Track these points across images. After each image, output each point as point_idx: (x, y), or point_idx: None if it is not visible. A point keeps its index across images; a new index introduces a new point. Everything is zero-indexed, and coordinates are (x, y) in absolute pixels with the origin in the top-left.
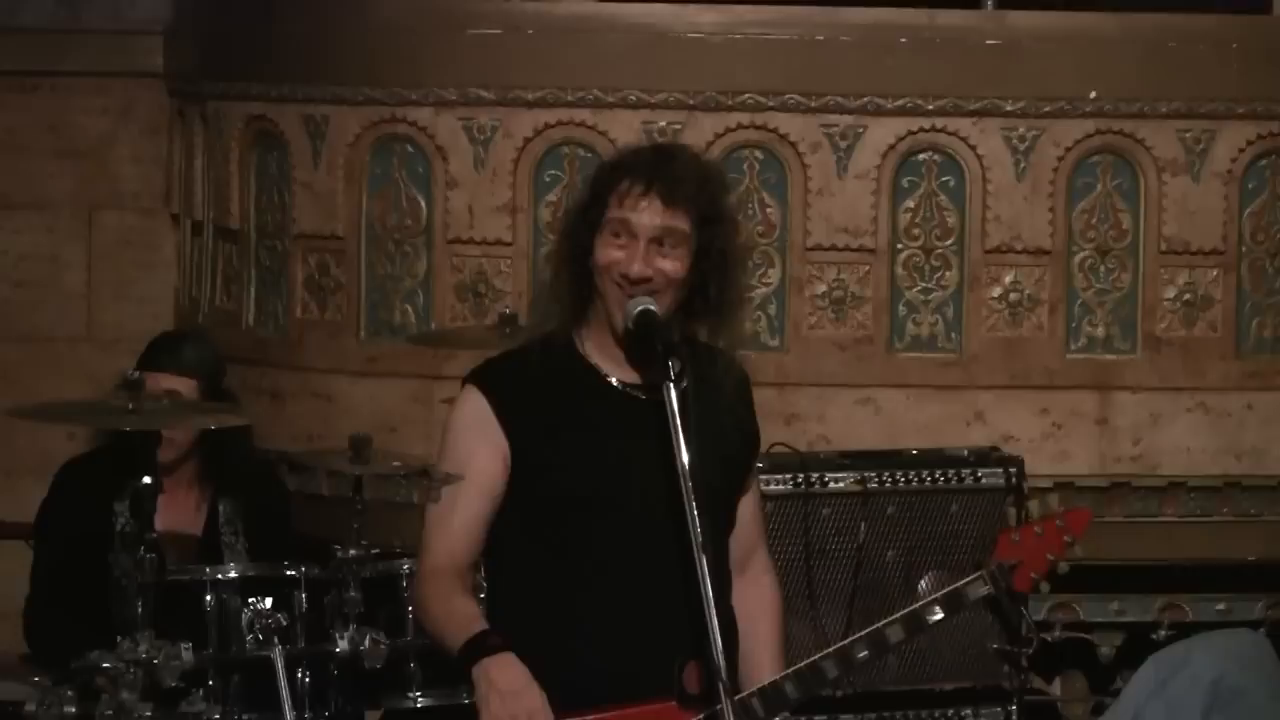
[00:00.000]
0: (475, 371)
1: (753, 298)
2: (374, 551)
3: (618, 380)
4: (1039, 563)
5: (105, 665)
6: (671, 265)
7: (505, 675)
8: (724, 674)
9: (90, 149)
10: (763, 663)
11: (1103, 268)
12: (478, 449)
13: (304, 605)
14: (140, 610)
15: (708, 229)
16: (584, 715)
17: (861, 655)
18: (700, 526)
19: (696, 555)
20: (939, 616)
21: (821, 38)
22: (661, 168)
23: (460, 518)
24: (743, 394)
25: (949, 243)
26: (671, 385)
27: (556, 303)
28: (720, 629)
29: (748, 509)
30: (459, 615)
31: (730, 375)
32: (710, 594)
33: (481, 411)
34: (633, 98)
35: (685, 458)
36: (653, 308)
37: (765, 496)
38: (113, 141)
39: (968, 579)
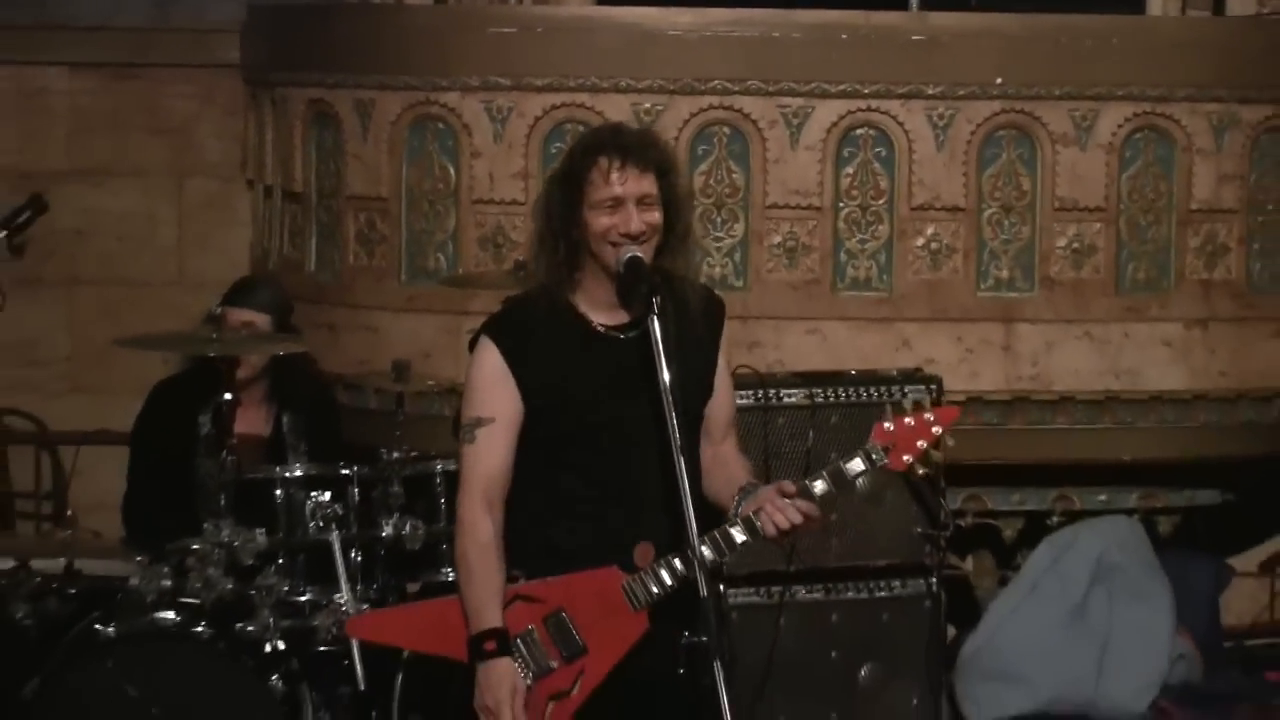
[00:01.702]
0: (489, 325)
1: (720, 247)
2: (413, 454)
3: (602, 325)
4: (911, 448)
5: (195, 547)
6: (652, 216)
7: (489, 676)
8: (698, 550)
9: (179, 127)
10: (740, 479)
11: (1007, 222)
12: (499, 394)
13: (356, 498)
14: (222, 502)
15: (666, 181)
16: (543, 580)
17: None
18: (678, 432)
19: (675, 455)
20: (823, 488)
21: (777, 34)
22: (624, 143)
23: (495, 454)
24: (710, 317)
25: (881, 202)
26: (655, 318)
27: (550, 266)
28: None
29: (725, 400)
30: (477, 600)
31: (699, 301)
32: (686, 483)
33: (497, 362)
34: (623, 84)
35: (666, 377)
36: (639, 255)
37: None
38: (198, 120)
39: (847, 456)
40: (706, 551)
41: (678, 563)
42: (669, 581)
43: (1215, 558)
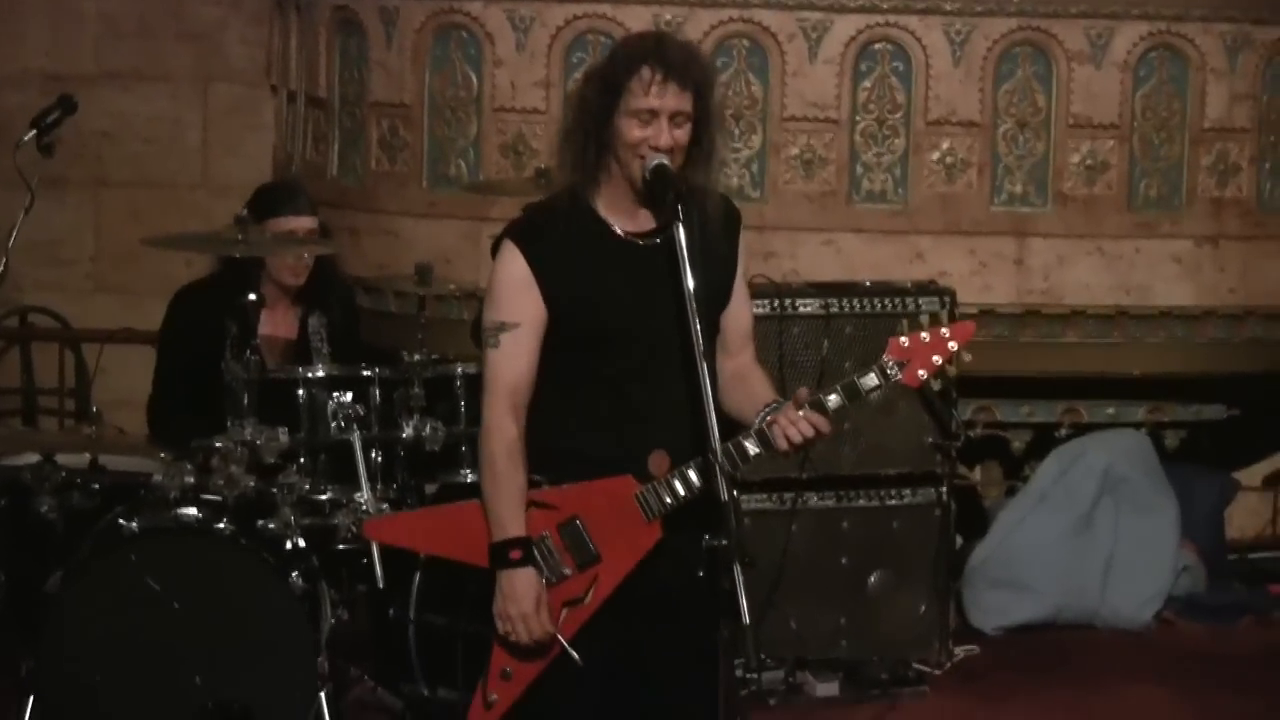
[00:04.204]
0: (512, 229)
1: (738, 158)
2: (433, 357)
3: (623, 230)
4: (926, 364)
5: (218, 445)
6: (682, 134)
7: (515, 586)
8: (718, 454)
9: (206, 32)
10: (761, 396)
11: (1021, 138)
12: (523, 299)
13: (377, 399)
14: (246, 401)
15: (702, 100)
16: (557, 488)
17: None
18: (702, 340)
19: (698, 361)
20: (837, 402)
21: None
22: (671, 57)
23: (519, 359)
24: (729, 228)
25: (898, 116)
26: (680, 225)
27: (576, 164)
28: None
29: (743, 311)
30: (502, 506)
31: (718, 212)
32: (708, 389)
33: (520, 268)
34: None
35: (691, 284)
36: (666, 162)
37: None
38: (224, 27)
39: (862, 371)
40: (713, 462)
41: (692, 474)
42: (682, 492)
43: (1220, 472)
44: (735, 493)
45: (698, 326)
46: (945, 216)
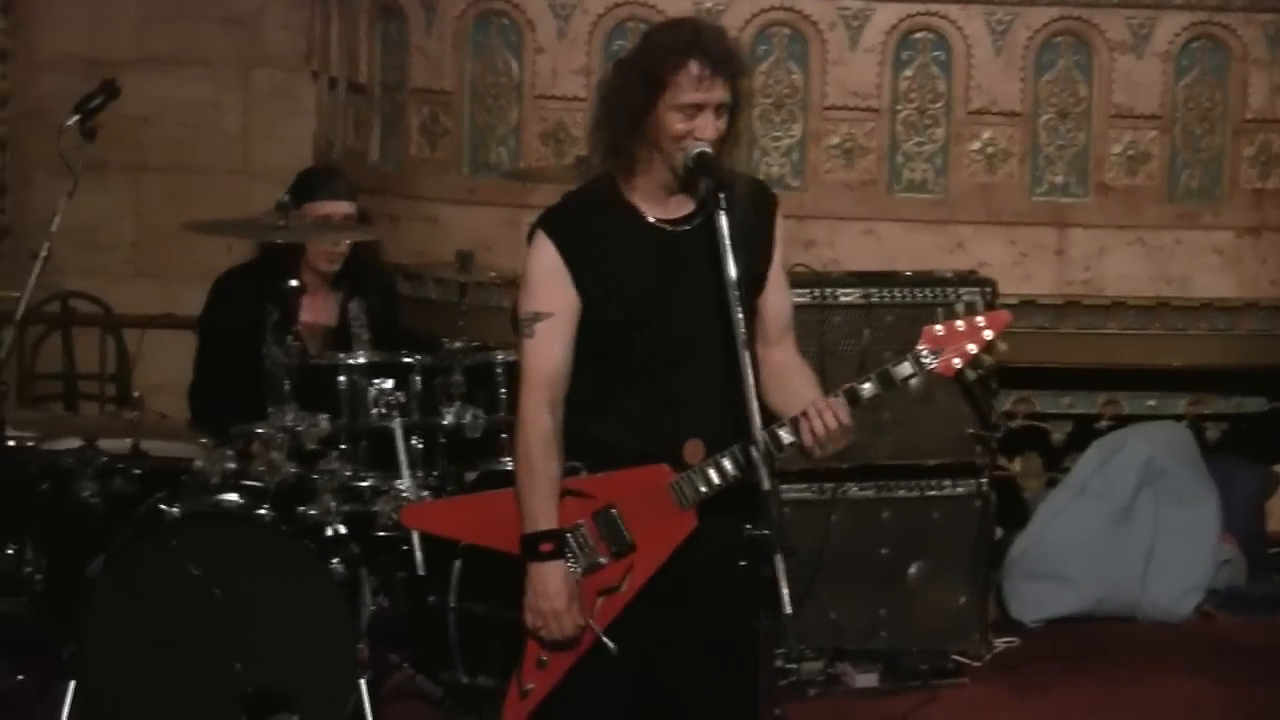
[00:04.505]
0: (544, 218)
1: (778, 147)
2: (474, 344)
3: (654, 217)
4: (960, 352)
5: (259, 431)
6: (723, 123)
7: (545, 582)
8: (761, 444)
9: (246, 17)
10: (805, 396)
11: (1062, 127)
12: (556, 288)
13: (418, 386)
14: (287, 387)
15: (739, 88)
16: (593, 476)
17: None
18: (744, 328)
19: (739, 349)
20: (871, 390)
21: None
22: (714, 50)
23: (555, 349)
24: (761, 209)
25: (939, 105)
26: (723, 213)
27: (611, 152)
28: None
29: (781, 300)
30: (534, 498)
31: (748, 194)
32: (750, 379)
33: (553, 257)
34: None
35: (733, 272)
36: (708, 150)
37: None
38: (264, 12)
39: (896, 359)
40: (753, 451)
41: (727, 463)
42: (716, 481)
43: (1261, 464)
44: (776, 481)
45: (740, 315)
46: (986, 206)
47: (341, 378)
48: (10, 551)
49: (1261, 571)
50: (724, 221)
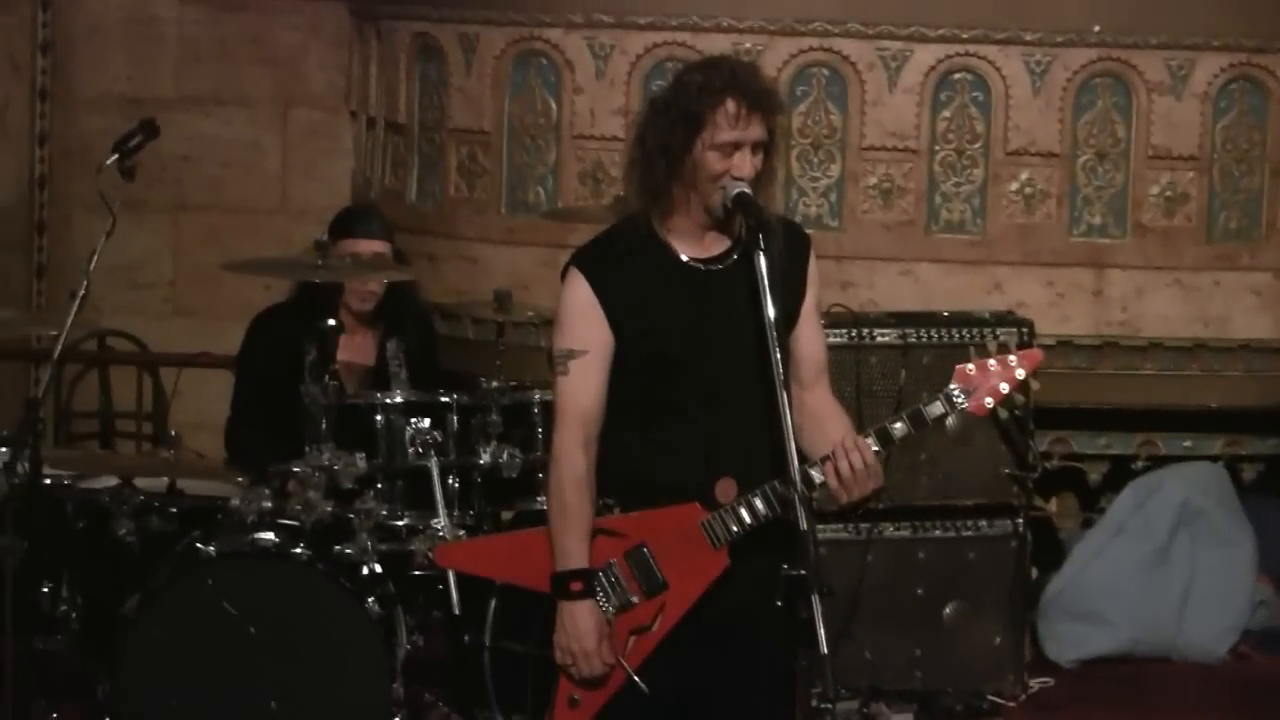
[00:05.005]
0: (578, 256)
1: (816, 187)
2: (511, 384)
3: (688, 256)
4: (993, 391)
5: (296, 469)
6: (759, 161)
7: (575, 621)
8: (798, 484)
9: (286, 58)
10: (839, 439)
11: (1100, 168)
12: (589, 325)
13: (455, 425)
14: (324, 426)
15: (774, 125)
16: (625, 515)
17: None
18: (781, 368)
19: (778, 390)
20: (902, 430)
21: None
22: (751, 89)
23: (589, 387)
24: (794, 249)
25: (977, 146)
26: (762, 253)
27: (647, 192)
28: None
29: (815, 341)
30: (566, 536)
31: (781, 233)
32: (789, 418)
33: (587, 296)
34: (724, 24)
35: (771, 312)
36: (748, 190)
37: None
38: (304, 52)
39: (928, 399)
40: (784, 490)
41: (758, 502)
42: (748, 520)
43: None
44: (814, 521)
45: (778, 355)
46: (1024, 247)
47: (379, 417)
48: (47, 590)
49: None
50: (763, 261)
